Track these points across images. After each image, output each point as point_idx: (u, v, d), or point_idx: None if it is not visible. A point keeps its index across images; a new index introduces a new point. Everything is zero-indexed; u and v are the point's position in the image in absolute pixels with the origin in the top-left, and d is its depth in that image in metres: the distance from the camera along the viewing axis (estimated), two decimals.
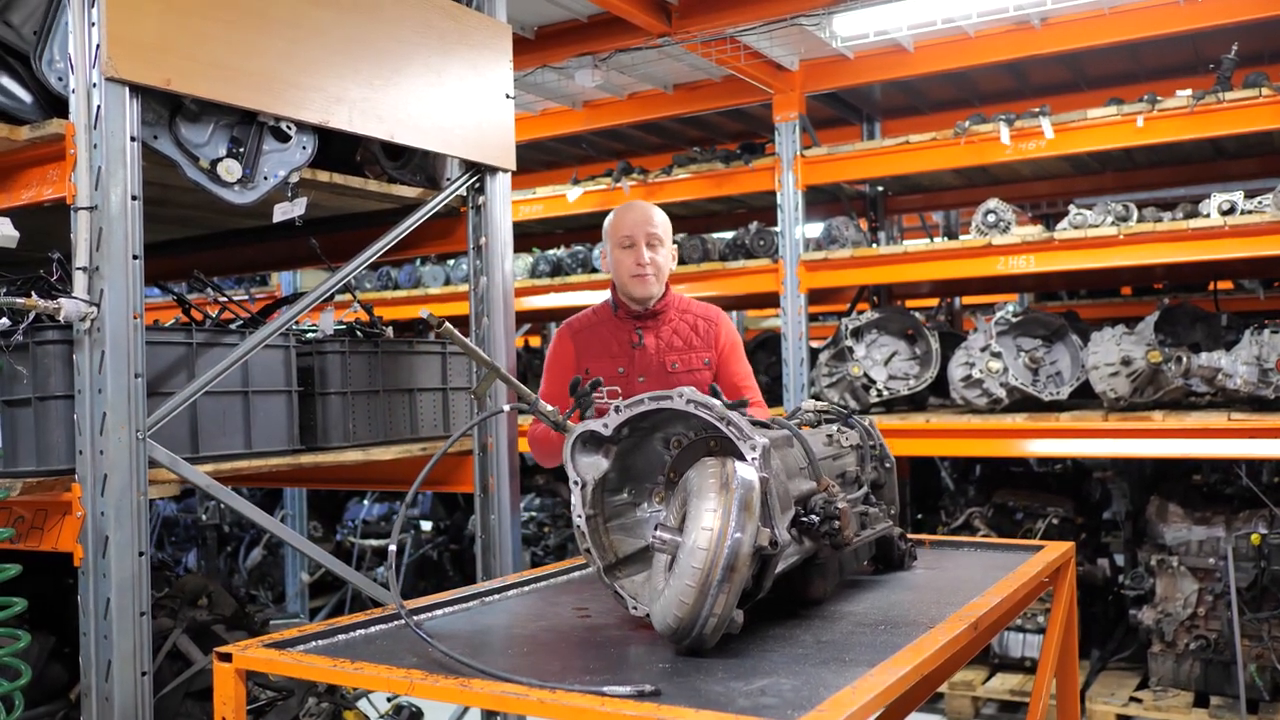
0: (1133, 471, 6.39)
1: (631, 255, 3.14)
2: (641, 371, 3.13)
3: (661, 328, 3.19)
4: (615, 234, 3.19)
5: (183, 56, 2.52)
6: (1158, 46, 5.44)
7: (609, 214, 3.29)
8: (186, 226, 3.97)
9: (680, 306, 3.26)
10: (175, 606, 3.30)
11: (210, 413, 2.85)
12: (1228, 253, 4.72)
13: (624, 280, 3.16)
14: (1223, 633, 4.89)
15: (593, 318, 3.25)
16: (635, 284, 3.15)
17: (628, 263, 3.14)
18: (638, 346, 3.17)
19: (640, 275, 3.13)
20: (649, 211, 3.23)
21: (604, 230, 3.26)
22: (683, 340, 3.20)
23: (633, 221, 3.18)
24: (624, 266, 3.15)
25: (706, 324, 3.23)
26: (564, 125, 6.40)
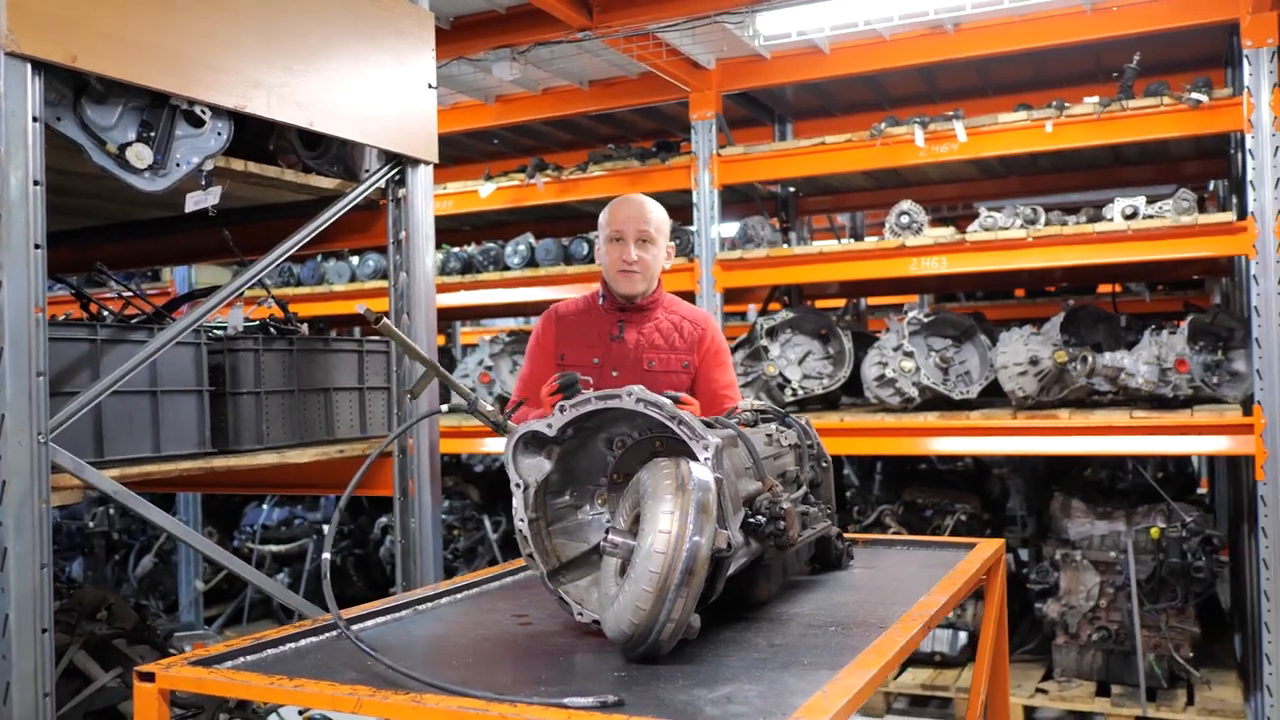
0: (1026, 469, 6.57)
1: (619, 250, 3.07)
2: (616, 365, 3.07)
3: (644, 324, 3.13)
4: (606, 227, 3.13)
5: (90, 32, 2.36)
6: (1063, 55, 5.59)
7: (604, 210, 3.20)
8: (83, 217, 3.76)
9: (669, 306, 3.20)
10: (72, 621, 3.10)
11: (116, 414, 2.68)
12: (1130, 255, 4.86)
13: (610, 275, 3.11)
14: (1123, 624, 5.04)
15: (581, 304, 3.21)
16: (620, 280, 3.09)
17: (614, 258, 3.08)
18: (616, 339, 3.11)
19: (626, 272, 3.07)
20: (644, 208, 3.15)
21: (599, 221, 3.20)
22: (664, 339, 3.15)
23: (625, 216, 3.11)
24: (611, 261, 3.09)
25: (693, 326, 3.17)
26: (476, 120, 6.28)
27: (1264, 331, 4.41)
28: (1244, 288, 5.26)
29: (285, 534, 6.96)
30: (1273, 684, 4.40)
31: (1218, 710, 4.73)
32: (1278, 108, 4.42)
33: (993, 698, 2.81)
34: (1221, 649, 5.64)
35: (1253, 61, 4.47)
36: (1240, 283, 5.58)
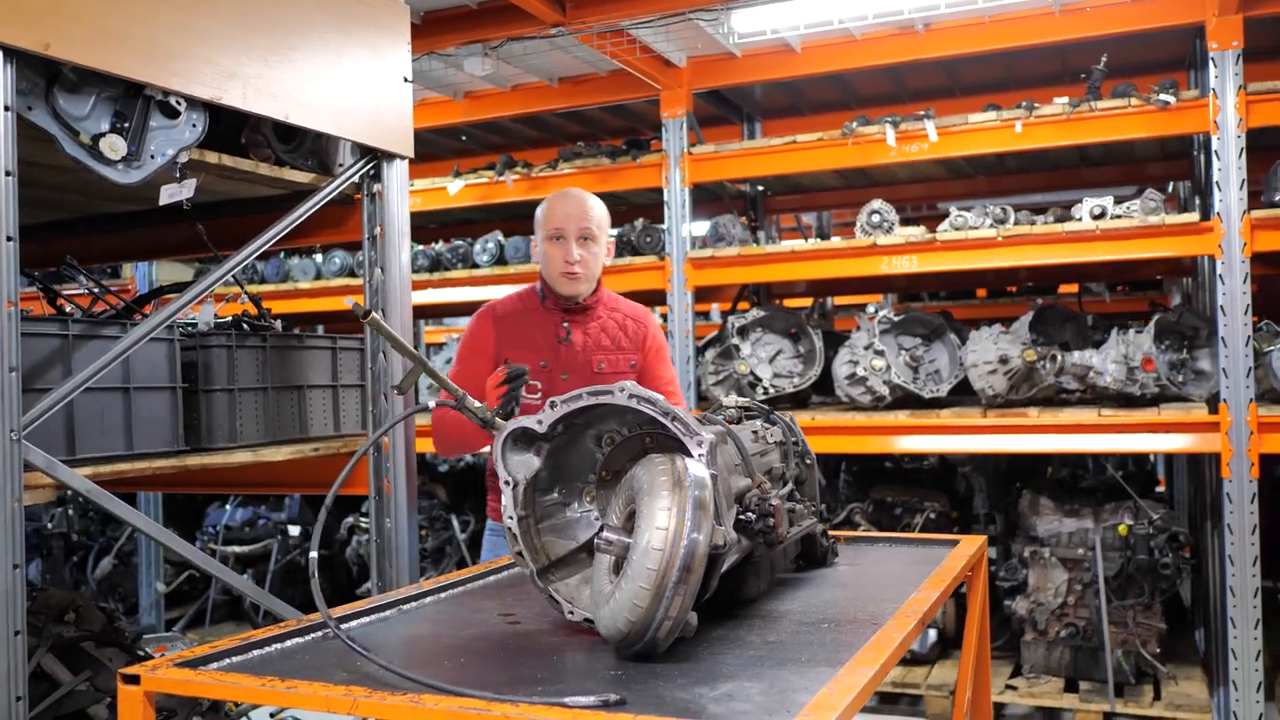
0: (989, 467, 6.63)
1: (560, 250, 2.96)
2: (566, 368, 3.01)
3: (590, 324, 3.05)
4: (545, 224, 3.00)
5: (64, 19, 2.30)
6: (1030, 56, 5.64)
7: (541, 205, 3.09)
8: (47, 210, 3.67)
9: (610, 304, 3.12)
10: (39, 623, 3.03)
11: (88, 411, 2.61)
12: (1098, 255, 4.92)
13: (552, 276, 3.00)
14: (1091, 620, 5.09)
15: (518, 304, 3.08)
16: (563, 281, 2.99)
17: (556, 258, 2.97)
18: (564, 342, 3.02)
19: (568, 273, 2.97)
20: (584, 203, 3.03)
21: (535, 217, 3.06)
22: (611, 340, 3.07)
23: (564, 213, 2.99)
24: (552, 261, 2.98)
25: (636, 324, 3.10)
26: (443, 116, 6.22)
27: (1229, 331, 4.48)
28: (1207, 288, 5.34)
29: (249, 535, 6.86)
30: (1238, 679, 4.47)
31: (1184, 705, 4.79)
32: (1243, 109, 4.49)
33: (975, 693, 2.82)
34: (1184, 644, 5.72)
35: (1218, 64, 4.54)
36: (1203, 282, 5.66)
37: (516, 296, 3.12)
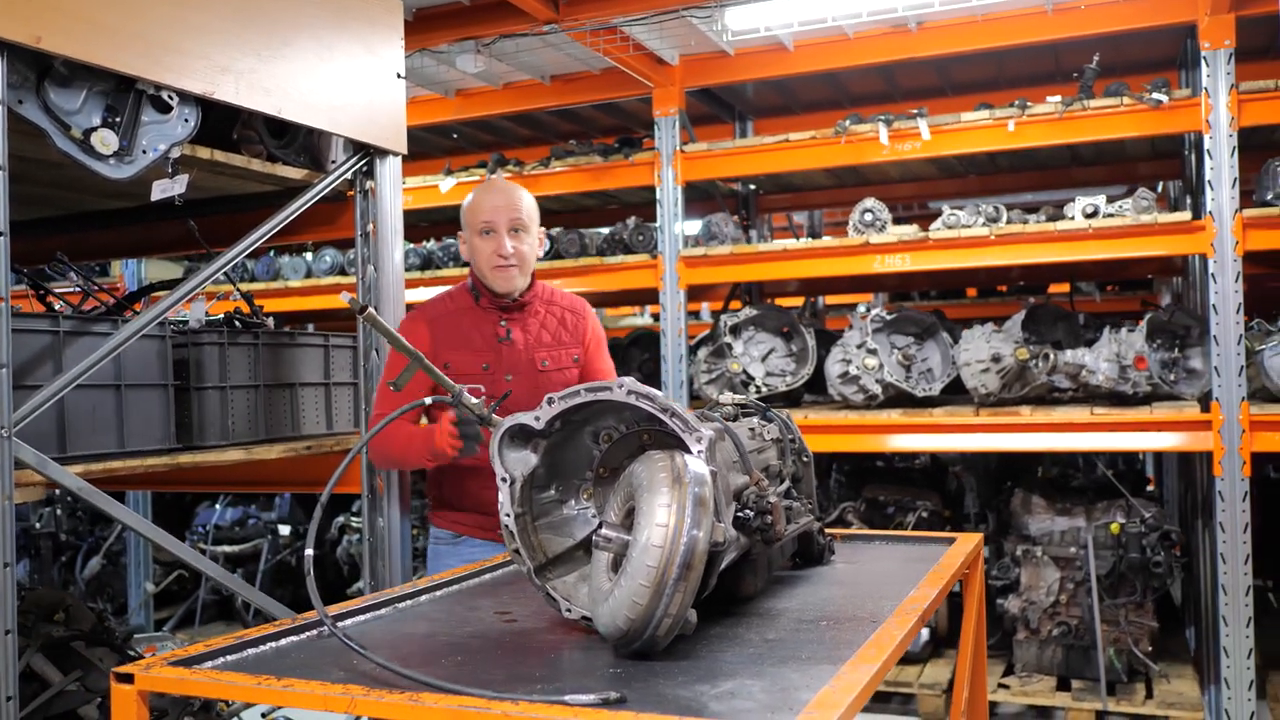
0: (979, 466, 6.64)
1: (492, 244, 2.86)
2: (509, 369, 2.91)
3: (529, 321, 2.95)
4: (474, 218, 2.89)
5: (55, 11, 2.27)
6: (1022, 55, 5.64)
7: (466, 200, 3.00)
8: (36, 207, 3.64)
9: (546, 297, 3.02)
10: (29, 623, 3.00)
11: (79, 408, 2.59)
12: (1090, 254, 4.92)
13: (484, 271, 2.89)
14: (1083, 618, 5.10)
15: (450, 305, 2.97)
16: (496, 277, 2.88)
17: (487, 252, 2.86)
18: (505, 341, 2.92)
19: (502, 267, 2.86)
20: (513, 194, 2.94)
21: (461, 213, 2.96)
22: (551, 336, 2.98)
23: (493, 206, 2.88)
24: (483, 256, 2.87)
25: (574, 317, 3.03)
26: (435, 114, 6.20)
27: (1222, 329, 4.49)
28: (1198, 286, 5.35)
29: (239, 534, 6.82)
30: (1230, 677, 4.48)
31: (1176, 703, 4.80)
32: (1235, 109, 4.50)
33: (972, 691, 2.81)
34: (1175, 643, 5.73)
35: (1210, 63, 4.55)
36: (1193, 281, 5.67)
37: (447, 296, 3.00)
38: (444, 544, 3.05)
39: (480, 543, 2.99)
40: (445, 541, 3.05)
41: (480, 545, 2.98)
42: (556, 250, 5.97)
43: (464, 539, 3.03)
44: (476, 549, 2.97)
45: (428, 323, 2.91)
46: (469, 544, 3.01)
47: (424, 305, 2.99)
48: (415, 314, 2.96)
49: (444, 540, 3.06)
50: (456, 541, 3.03)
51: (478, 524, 2.99)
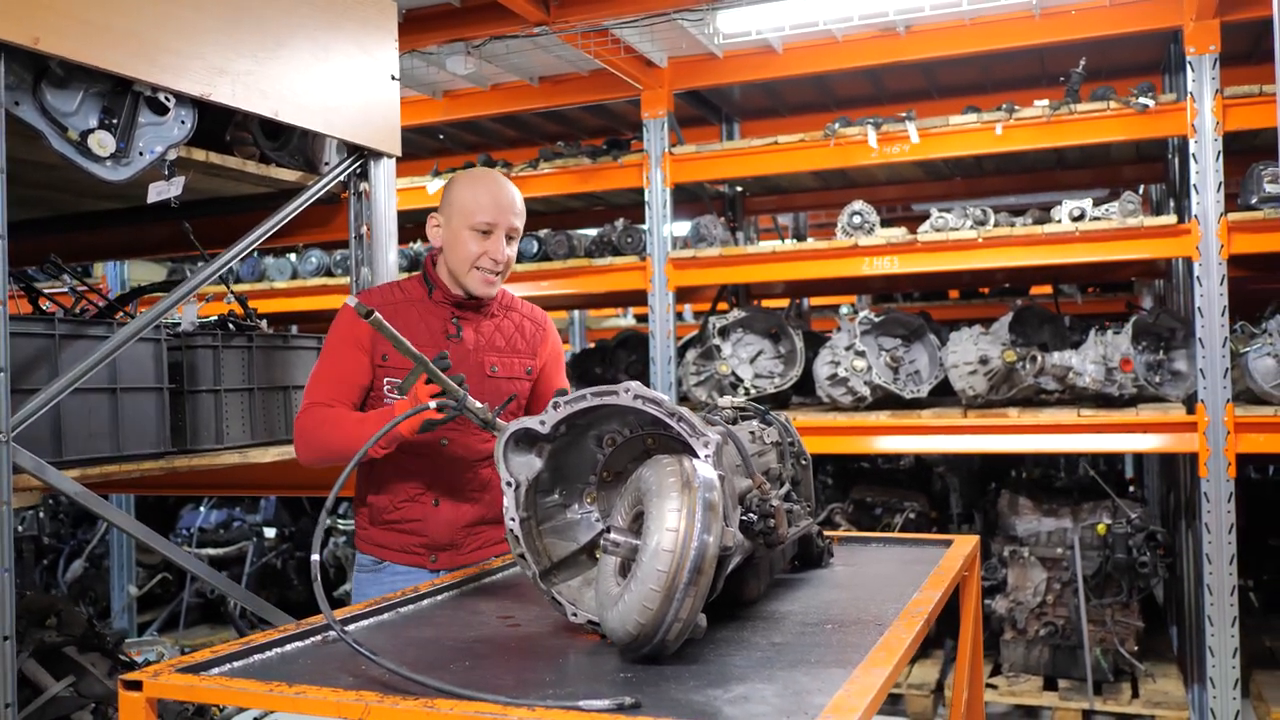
0: (963, 467, 6.68)
1: (486, 245, 2.60)
2: (455, 369, 2.57)
3: (483, 322, 2.72)
4: (473, 213, 2.60)
5: (52, 12, 2.26)
6: (1009, 59, 5.68)
7: (457, 179, 2.71)
8: (30, 208, 3.61)
9: (505, 302, 2.79)
10: (21, 628, 2.97)
11: (75, 412, 2.57)
12: (1077, 256, 4.96)
13: (462, 269, 2.62)
14: (1070, 619, 5.13)
15: (399, 294, 2.70)
16: (479, 280, 2.63)
17: (477, 252, 2.60)
18: (454, 339, 2.67)
19: (490, 273, 2.63)
20: (516, 196, 2.68)
21: (449, 200, 2.66)
22: (505, 341, 2.76)
23: (498, 205, 2.61)
24: (470, 255, 2.60)
25: (534, 328, 2.81)
26: (423, 115, 6.18)
27: (1207, 332, 4.53)
28: (1183, 289, 5.40)
29: (223, 537, 6.78)
30: (1215, 676, 4.52)
31: (1162, 702, 4.84)
32: (1220, 113, 4.54)
33: (971, 691, 2.83)
34: (1160, 642, 5.78)
35: (1195, 68, 4.59)
36: (1177, 284, 5.73)
37: (396, 286, 2.74)
38: (366, 571, 2.74)
39: (404, 569, 2.68)
40: (367, 569, 2.73)
41: (404, 572, 2.67)
42: (545, 252, 5.97)
43: (386, 565, 2.71)
44: (399, 576, 2.66)
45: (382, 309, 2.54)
46: (391, 571, 2.69)
47: (369, 293, 2.74)
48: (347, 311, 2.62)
49: (366, 567, 2.74)
50: (379, 568, 2.71)
51: (401, 545, 2.69)
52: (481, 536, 2.75)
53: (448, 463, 2.66)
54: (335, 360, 2.60)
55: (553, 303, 8.96)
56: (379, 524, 2.70)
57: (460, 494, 2.69)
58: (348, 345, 2.60)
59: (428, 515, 2.67)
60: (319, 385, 2.59)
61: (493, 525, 2.74)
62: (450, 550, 2.70)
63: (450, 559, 2.69)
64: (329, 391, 2.57)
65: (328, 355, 2.62)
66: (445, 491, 2.67)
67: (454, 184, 2.69)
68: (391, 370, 2.59)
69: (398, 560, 2.70)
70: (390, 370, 2.59)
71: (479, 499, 2.72)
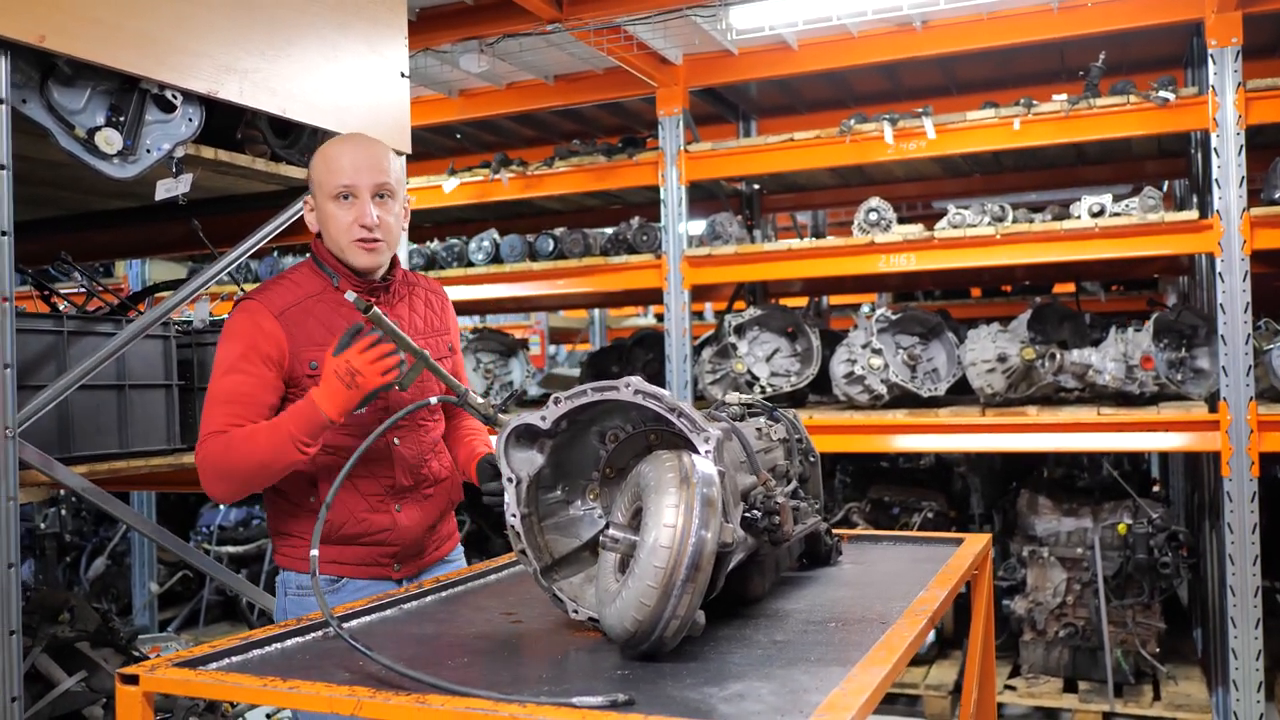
0: (984, 467, 6.63)
1: (352, 212, 2.33)
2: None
3: (397, 304, 2.48)
4: (329, 179, 2.34)
5: (58, 11, 2.27)
6: (1028, 53, 5.63)
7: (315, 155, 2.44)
8: (38, 207, 3.63)
9: (407, 278, 2.55)
10: (34, 624, 2.99)
11: (83, 408, 2.58)
12: (1096, 253, 4.90)
13: (342, 245, 2.36)
14: (1090, 620, 5.08)
15: (297, 291, 2.37)
16: (356, 251, 2.35)
17: (346, 221, 2.33)
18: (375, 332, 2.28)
19: (366, 241, 2.34)
20: (377, 151, 2.40)
21: (310, 176, 2.43)
22: (423, 320, 2.53)
23: (354, 165, 2.34)
24: (340, 226, 2.34)
25: (438, 299, 2.60)
26: (439, 114, 6.19)
27: (1229, 329, 4.47)
28: (1205, 286, 5.33)
29: (243, 535, 6.82)
30: (1238, 678, 4.46)
31: (1184, 705, 4.78)
32: (1242, 106, 4.48)
33: (981, 692, 2.79)
34: (1183, 644, 5.71)
35: (1217, 61, 4.53)
36: (1200, 281, 5.65)
37: (288, 281, 2.40)
38: (301, 592, 2.44)
39: (365, 582, 2.46)
40: (299, 589, 2.45)
41: (365, 585, 2.45)
42: (560, 250, 5.96)
43: (344, 581, 2.45)
44: (361, 591, 2.42)
45: (276, 316, 2.31)
46: (352, 587, 2.44)
47: (259, 294, 2.36)
48: (254, 304, 2.33)
49: (298, 586, 2.45)
50: (336, 586, 2.44)
51: (361, 559, 2.46)
52: (438, 534, 2.60)
53: (402, 463, 2.45)
54: (238, 378, 2.25)
55: (570, 301, 8.98)
56: (335, 541, 2.41)
57: (418, 494, 2.50)
58: (253, 360, 2.26)
59: (395, 523, 2.46)
60: (217, 410, 2.24)
61: (445, 520, 2.60)
62: (415, 556, 2.53)
63: (415, 565, 2.54)
64: (230, 414, 2.23)
65: (227, 372, 2.26)
66: (405, 494, 2.48)
67: (314, 160, 2.44)
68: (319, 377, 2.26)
69: (358, 575, 2.46)
70: (318, 379, 2.26)
71: (434, 495, 2.54)
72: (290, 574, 2.45)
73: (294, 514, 2.43)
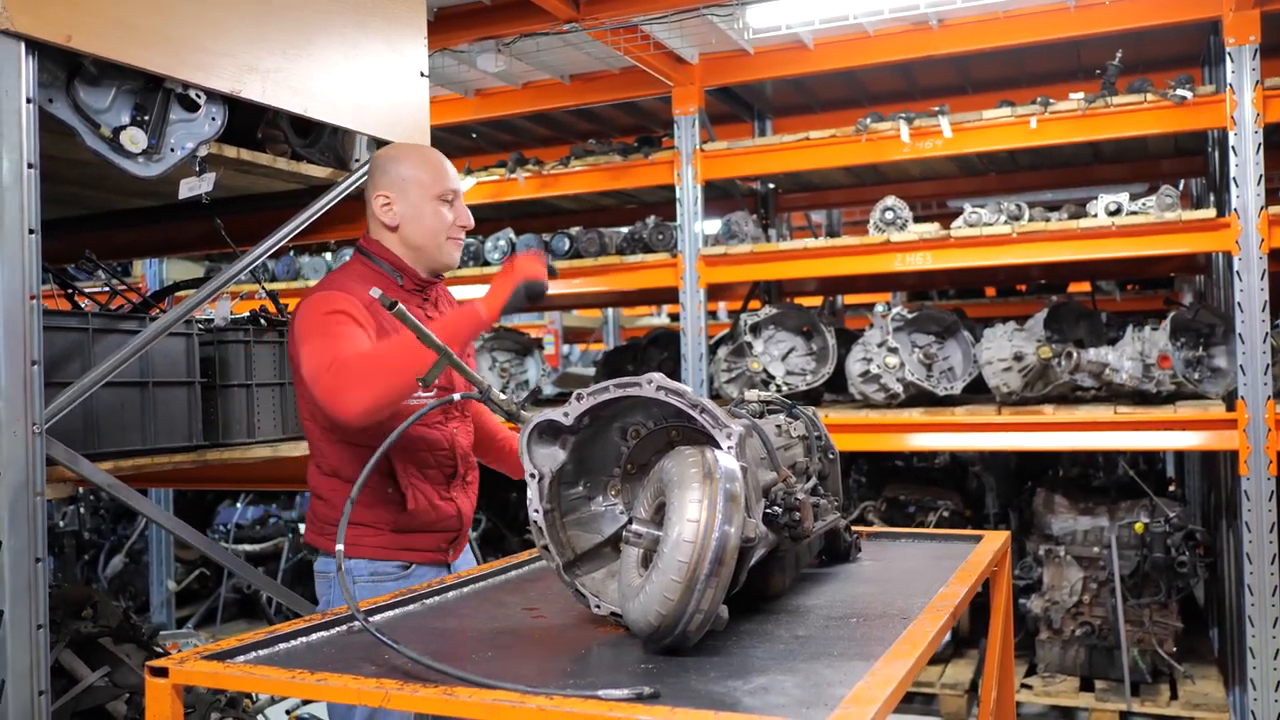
0: (999, 465, 6.61)
1: (454, 213, 2.60)
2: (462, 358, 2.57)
3: (441, 304, 2.68)
4: (438, 182, 2.58)
5: (84, 11, 2.29)
6: (1043, 52, 5.61)
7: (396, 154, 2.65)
8: (61, 206, 3.66)
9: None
10: (57, 619, 3.01)
11: (107, 405, 2.61)
12: (1113, 252, 4.89)
13: (437, 242, 2.58)
14: (1107, 619, 5.07)
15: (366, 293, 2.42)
16: (452, 248, 2.61)
17: (448, 221, 2.58)
18: None
19: (458, 239, 2.62)
20: None
21: (400, 175, 2.58)
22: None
23: (453, 172, 2.65)
24: (441, 225, 2.57)
25: (449, 297, 2.77)
26: (455, 114, 6.21)
27: (1247, 327, 4.46)
28: (1223, 284, 5.32)
29: (260, 533, 6.85)
30: (1256, 678, 4.44)
31: (1201, 704, 4.77)
32: (1260, 105, 4.46)
33: (1000, 690, 2.80)
34: (1200, 643, 5.69)
35: (1235, 59, 4.51)
36: (1217, 279, 5.64)
37: (358, 278, 2.52)
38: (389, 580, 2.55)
39: (429, 568, 2.61)
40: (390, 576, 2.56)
41: (429, 570, 2.60)
42: (576, 250, 5.98)
43: (413, 568, 2.58)
44: (426, 575, 2.57)
45: (367, 304, 2.43)
46: (419, 574, 2.57)
47: (343, 285, 2.48)
48: (344, 293, 2.44)
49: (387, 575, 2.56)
50: (407, 573, 2.57)
51: (429, 545, 2.61)
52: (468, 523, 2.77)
53: (461, 453, 2.67)
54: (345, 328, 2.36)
55: (584, 300, 9.00)
56: (413, 529, 2.56)
57: (465, 481, 2.70)
58: (348, 322, 2.37)
59: (458, 510, 2.66)
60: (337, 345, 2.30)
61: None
62: (462, 541, 2.72)
63: (458, 550, 2.71)
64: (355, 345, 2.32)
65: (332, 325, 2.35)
66: (459, 482, 2.68)
67: (398, 159, 2.62)
68: None
69: (425, 560, 2.60)
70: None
71: (473, 483, 2.74)
72: (361, 561, 2.53)
73: (370, 504, 2.52)
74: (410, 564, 2.58)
